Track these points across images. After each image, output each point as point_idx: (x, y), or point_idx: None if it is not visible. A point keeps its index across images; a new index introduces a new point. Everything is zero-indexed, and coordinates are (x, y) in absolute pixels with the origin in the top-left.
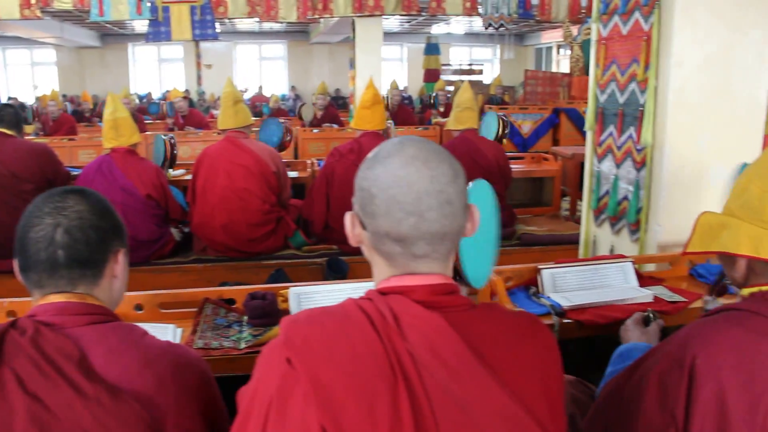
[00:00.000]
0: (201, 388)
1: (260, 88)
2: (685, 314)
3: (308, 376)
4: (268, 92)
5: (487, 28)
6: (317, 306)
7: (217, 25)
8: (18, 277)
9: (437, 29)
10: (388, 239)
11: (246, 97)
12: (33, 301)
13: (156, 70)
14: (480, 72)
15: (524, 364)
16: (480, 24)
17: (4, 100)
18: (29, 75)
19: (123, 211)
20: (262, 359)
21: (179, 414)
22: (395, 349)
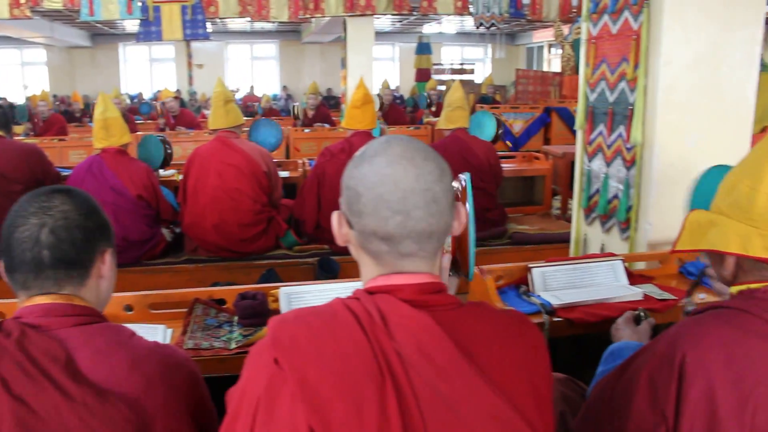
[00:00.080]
0: (190, 388)
1: (252, 87)
2: (675, 312)
3: (296, 376)
4: (260, 92)
5: (478, 28)
6: (308, 306)
7: (208, 24)
8: (4, 278)
9: (429, 29)
10: (374, 238)
11: (237, 97)
12: (19, 303)
13: (147, 70)
14: (471, 71)
15: (512, 362)
16: (471, 23)
17: None
18: (19, 75)
19: (114, 212)
20: (249, 359)
21: (168, 415)
22: (383, 348)
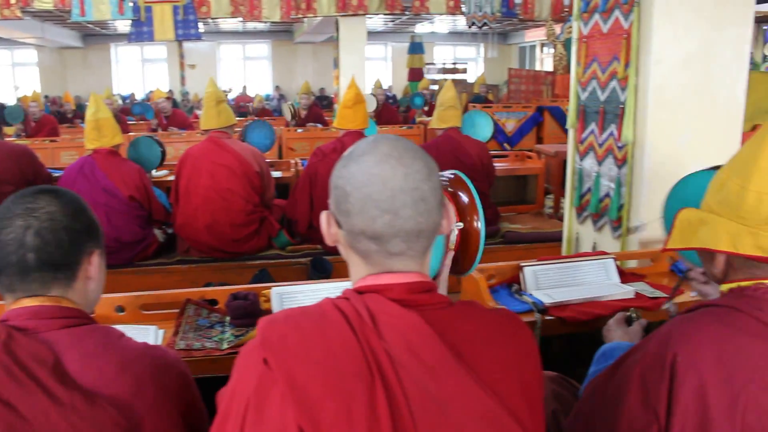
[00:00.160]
0: (180, 390)
1: (244, 88)
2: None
3: (285, 377)
4: (253, 92)
5: (470, 27)
6: (299, 306)
7: (200, 25)
8: None
9: (421, 28)
10: (363, 237)
11: (230, 97)
12: (6, 306)
13: (139, 71)
14: (464, 71)
15: (502, 361)
16: (463, 23)
17: None
18: (10, 76)
19: (105, 213)
20: (239, 360)
21: (158, 418)
22: (372, 348)
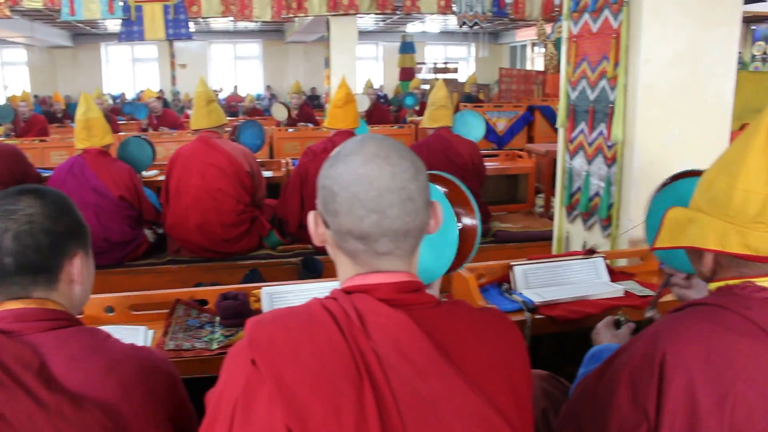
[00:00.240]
0: (168, 391)
1: (235, 87)
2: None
3: (273, 377)
4: (244, 92)
5: (461, 27)
6: (289, 306)
7: (191, 24)
8: None
9: (412, 28)
10: (350, 237)
11: (221, 96)
12: None
13: (130, 70)
14: (455, 70)
15: (490, 360)
16: (455, 22)
17: None
18: None
19: (95, 213)
20: (227, 361)
21: (145, 420)
22: (360, 348)
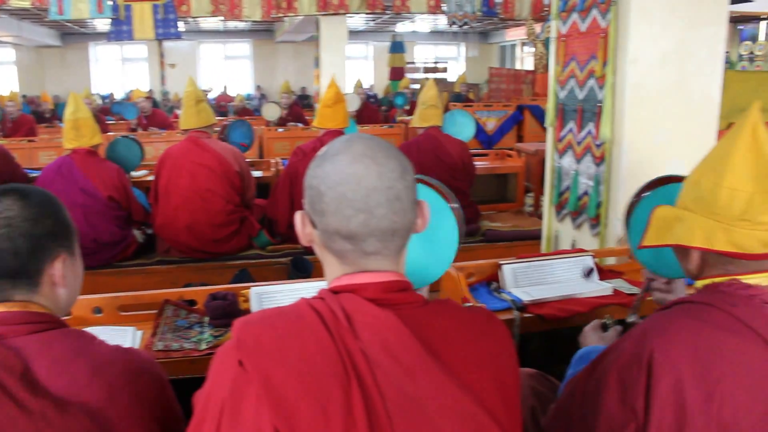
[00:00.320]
0: (155, 393)
1: (225, 87)
2: (644, 306)
3: (260, 378)
4: (233, 92)
5: (451, 26)
6: (278, 306)
7: (180, 23)
8: None
9: (402, 27)
10: (338, 237)
11: (211, 96)
12: None
13: (119, 70)
14: (445, 70)
15: (478, 359)
16: (444, 22)
17: None
18: None
19: (84, 213)
20: (214, 362)
21: (132, 424)
22: (347, 348)
